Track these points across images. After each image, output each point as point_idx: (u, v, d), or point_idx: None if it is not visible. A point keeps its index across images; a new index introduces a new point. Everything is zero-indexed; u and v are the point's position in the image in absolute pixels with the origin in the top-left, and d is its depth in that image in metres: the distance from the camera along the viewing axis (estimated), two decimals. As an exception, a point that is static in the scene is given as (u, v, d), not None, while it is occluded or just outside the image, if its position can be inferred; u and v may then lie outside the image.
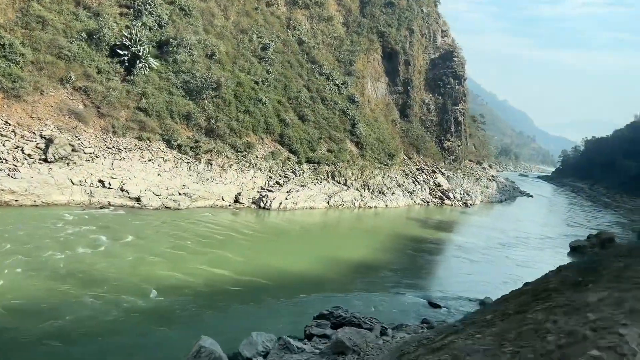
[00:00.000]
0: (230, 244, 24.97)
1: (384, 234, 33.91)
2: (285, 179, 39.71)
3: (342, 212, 40.83)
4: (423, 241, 33.12)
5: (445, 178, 60.69)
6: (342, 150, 47.18)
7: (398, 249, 29.01)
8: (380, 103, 61.22)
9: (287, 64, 51.31)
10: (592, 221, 61.53)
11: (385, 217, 42.62)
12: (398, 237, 33.08)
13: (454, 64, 68.38)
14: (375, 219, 40.82)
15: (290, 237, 29.63)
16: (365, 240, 31.24)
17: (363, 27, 62.94)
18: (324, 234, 32.23)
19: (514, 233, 41.45)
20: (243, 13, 51.39)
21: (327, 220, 37.10)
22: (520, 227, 45.56)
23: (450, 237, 36.10)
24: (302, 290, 19.52)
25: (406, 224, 40.01)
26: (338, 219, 38.26)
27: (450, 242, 34.70)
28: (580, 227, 52.39)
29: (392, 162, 53.27)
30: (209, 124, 38.16)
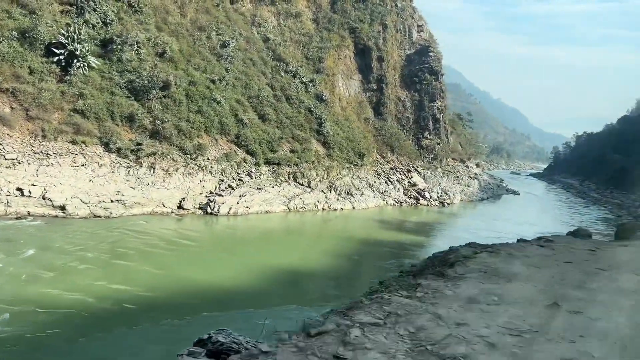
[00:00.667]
0: (152, 255, 22.46)
1: (337, 238, 31.38)
2: (239, 182, 37.22)
3: (302, 215, 38.34)
4: (377, 244, 30.63)
5: (422, 177, 58.24)
6: (306, 150, 44.70)
7: (345, 255, 26.47)
8: (352, 101, 58.81)
9: (249, 61, 48.89)
10: (576, 218, 59.09)
11: (349, 219, 40.13)
12: (351, 241, 30.57)
13: (429, 59, 66.00)
14: (335, 222, 38.33)
15: (229, 245, 27.14)
16: (313, 245, 28.73)
17: (334, 23, 60.61)
18: (269, 240, 29.69)
19: (485, 233, 38.89)
20: (202, 10, 49.00)
21: (280, 225, 34.58)
22: (494, 227, 43.03)
23: (410, 239, 33.59)
24: (212, 307, 17.01)
25: (368, 227, 37.50)
26: (294, 223, 35.75)
27: (409, 244, 32.16)
28: (561, 225, 49.86)
29: (363, 161, 50.80)
30: (155, 126, 35.68)
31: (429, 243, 33.86)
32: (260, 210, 35.72)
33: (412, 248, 31.24)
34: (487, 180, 79.88)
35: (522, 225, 44.86)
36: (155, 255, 22.44)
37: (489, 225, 44.61)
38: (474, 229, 41.33)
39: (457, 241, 35.59)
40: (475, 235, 37.76)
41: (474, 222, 45.73)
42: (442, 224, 42.96)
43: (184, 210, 32.00)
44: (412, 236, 35.81)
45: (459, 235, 38.27)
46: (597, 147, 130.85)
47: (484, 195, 68.56)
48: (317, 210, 40.27)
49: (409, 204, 51.74)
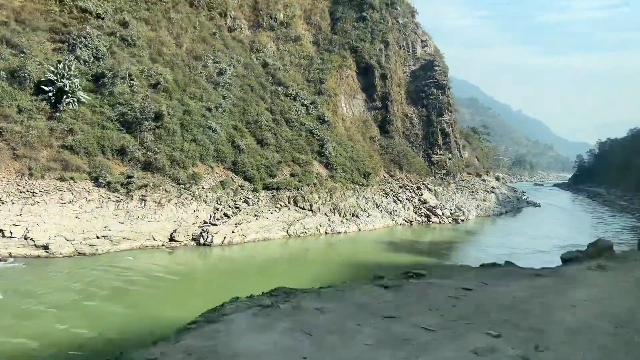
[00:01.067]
0: (128, 294, 21.10)
1: (336, 264, 29.56)
2: (236, 210, 35.90)
3: (304, 241, 36.68)
4: (377, 269, 28.67)
5: (433, 194, 56.06)
6: (307, 173, 43.29)
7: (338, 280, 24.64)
8: (356, 120, 57.45)
9: (247, 87, 48.15)
10: (600, 228, 55.89)
11: (354, 242, 38.26)
12: (351, 267, 28.71)
13: (435, 73, 64.39)
14: (338, 247, 36.51)
15: (215, 278, 25.63)
16: (306, 273, 26.94)
17: (334, 44, 59.82)
18: (262, 270, 28.07)
19: (497, 250, 36.56)
20: (199, 39, 48.76)
21: (278, 252, 32.95)
22: (508, 242, 40.61)
23: (412, 260, 31.53)
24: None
25: (372, 250, 35.56)
26: (292, 249, 34.08)
27: (409, 266, 30.09)
28: (583, 236, 46.94)
29: (369, 181, 49.07)
30: (147, 157, 34.82)
31: (437, 265, 31.73)
32: (257, 238, 34.23)
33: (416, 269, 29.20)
34: (506, 193, 76.95)
35: (537, 240, 42.22)
36: (131, 294, 21.06)
37: (504, 240, 42.15)
38: (486, 246, 39.03)
39: (466, 260, 33.43)
40: (486, 252, 35.62)
41: (487, 239, 43.31)
42: (454, 243, 40.68)
43: (176, 242, 30.72)
44: (419, 258, 33.73)
45: (469, 254, 36.15)
46: (622, 153, 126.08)
47: (502, 209, 65.78)
48: (319, 234, 38.57)
49: (420, 222, 49.56)
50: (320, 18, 62.17)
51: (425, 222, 50.29)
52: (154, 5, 46.86)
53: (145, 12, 46.06)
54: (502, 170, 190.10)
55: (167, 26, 47.13)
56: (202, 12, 52.17)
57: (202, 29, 50.43)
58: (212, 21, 52.86)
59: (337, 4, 64.49)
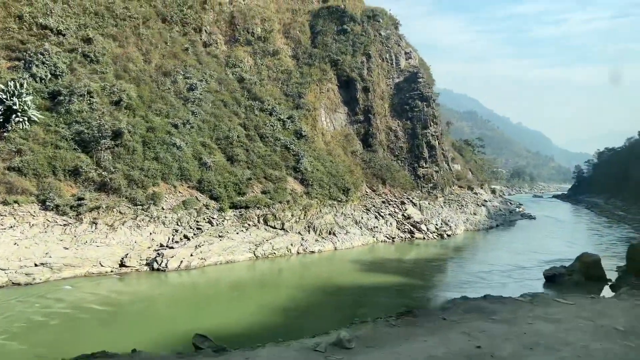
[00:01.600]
0: (39, 330, 18.72)
1: (295, 288, 27.05)
2: (197, 231, 33.59)
3: (272, 262, 34.24)
4: (335, 293, 26.21)
5: (418, 208, 53.59)
6: (280, 189, 41.03)
7: (294, 310, 22.22)
8: (337, 135, 55.33)
9: (220, 103, 46.23)
10: (593, 240, 53.08)
11: (327, 262, 35.80)
12: (312, 292, 26.22)
13: (419, 85, 62.34)
14: (307, 268, 34.05)
15: (153, 309, 23.20)
16: (260, 299, 24.47)
17: (314, 58, 58.02)
18: (212, 298, 25.63)
19: (477, 267, 34.04)
20: (170, 55, 47.05)
21: (237, 276, 30.45)
22: (491, 258, 37.99)
23: (384, 281, 29.04)
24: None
25: (342, 270, 33.05)
26: (255, 272, 31.63)
27: (379, 287, 27.62)
28: (574, 249, 44.27)
29: (348, 197, 46.73)
30: (103, 178, 32.71)
31: (407, 285, 29.23)
32: (220, 261, 31.83)
33: (386, 289, 26.71)
34: (499, 206, 74.31)
35: (523, 255, 39.59)
36: (44, 330, 18.69)
37: (487, 256, 39.60)
38: (466, 263, 36.50)
39: (442, 280, 30.94)
40: (465, 270, 33.18)
41: (470, 255, 40.74)
42: (434, 260, 38.08)
43: (127, 268, 28.38)
44: (393, 278, 31.22)
45: (446, 273, 33.67)
46: (619, 162, 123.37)
47: (494, 222, 63.14)
48: (291, 254, 36.13)
49: (403, 238, 47.03)
50: (299, 32, 60.54)
51: (409, 238, 47.77)
52: (122, 22, 45.30)
53: (113, 28, 44.49)
54: (500, 183, 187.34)
55: (136, 42, 45.49)
56: (175, 27, 50.60)
57: (174, 44, 48.79)
58: (186, 37, 51.25)
59: (318, 17, 62.95)
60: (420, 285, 29.19)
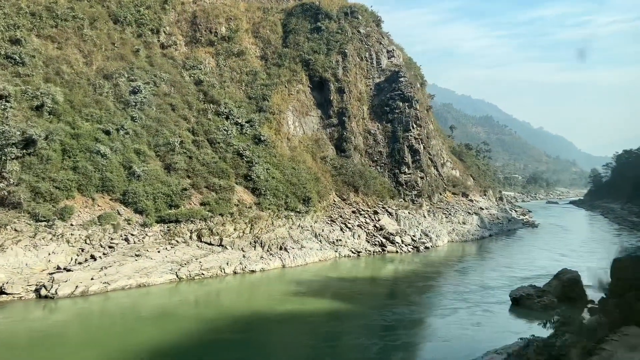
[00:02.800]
0: None
1: (189, 320, 22.36)
2: (109, 250, 29.19)
3: (198, 285, 29.58)
4: (234, 329, 21.39)
5: (394, 219, 48.29)
6: (222, 200, 36.47)
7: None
8: (307, 139, 50.55)
9: (167, 107, 42.09)
10: (592, 251, 46.82)
11: (259, 284, 30.96)
12: (199, 325, 21.49)
13: (400, 85, 57.14)
14: (228, 292, 29.22)
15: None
16: (132, 347, 19.80)
17: (285, 58, 53.58)
18: (74, 337, 21.07)
19: (435, 287, 28.78)
20: (116, 57, 43.20)
21: (131, 306, 25.75)
22: (456, 277, 32.60)
23: (309, 309, 24.12)
24: None
25: (269, 294, 28.20)
26: (160, 300, 26.90)
27: (297, 319, 22.70)
28: (560, 264, 38.37)
29: (309, 207, 41.85)
30: (1, 191, 28.67)
31: (321, 321, 24.22)
32: (129, 285, 27.30)
33: (290, 335, 21.77)
34: (496, 214, 68.16)
35: (496, 271, 34.06)
36: None
37: (451, 274, 34.10)
38: (423, 282, 31.16)
39: (366, 311, 25.68)
40: (419, 292, 27.98)
41: (435, 272, 35.23)
42: (387, 280, 32.83)
43: (8, 295, 24.12)
44: (318, 305, 26.29)
45: (397, 298, 28.47)
46: (638, 166, 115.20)
47: (486, 232, 57.31)
48: (225, 274, 31.41)
49: (371, 252, 41.85)
50: (270, 31, 56.24)
51: (379, 252, 42.57)
52: (64, 22, 41.66)
53: (53, 29, 40.89)
54: (515, 189, 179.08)
55: (77, 44, 41.77)
56: (129, 28, 46.86)
57: (124, 46, 44.98)
58: (141, 38, 47.50)
59: (291, 15, 58.60)
60: (346, 315, 24.16)
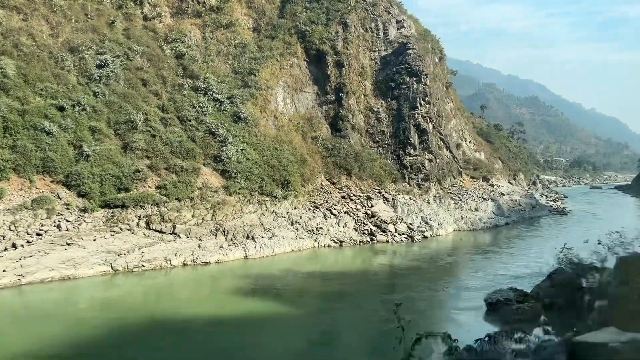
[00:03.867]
0: None
1: (90, 325, 18.64)
2: (36, 237, 25.96)
3: (139, 277, 25.99)
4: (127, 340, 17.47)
5: (390, 205, 43.12)
6: (182, 183, 32.62)
7: None
8: (297, 118, 45.85)
9: (138, 81, 38.47)
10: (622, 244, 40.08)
11: (205, 279, 27.00)
12: (104, 329, 17.71)
13: (408, 58, 51.14)
14: (164, 288, 25.39)
15: None
16: None
17: (279, 29, 48.78)
18: None
19: (406, 286, 23.90)
20: (88, 29, 39.89)
21: (40, 301, 22.39)
22: (436, 273, 27.42)
23: (239, 309, 19.95)
24: None
25: (209, 293, 24.21)
26: (78, 296, 23.43)
27: (212, 327, 18.54)
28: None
29: (287, 192, 37.43)
30: None
31: (234, 333, 19.89)
32: (52, 277, 23.97)
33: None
34: (518, 200, 61.32)
35: (485, 268, 28.58)
36: None
37: (434, 269, 28.88)
38: (396, 279, 26.30)
39: (305, 319, 21.10)
40: (390, 290, 23.24)
41: (416, 267, 30.04)
42: (355, 275, 28.08)
43: None
44: (254, 308, 22.04)
45: (347, 299, 23.80)
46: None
47: (502, 220, 51.05)
48: (171, 266, 27.66)
49: (357, 242, 37.09)
50: (265, 0, 51.48)
51: (367, 241, 37.77)
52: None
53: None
54: (556, 173, 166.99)
55: (45, 15, 38.74)
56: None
57: (100, 18, 41.63)
58: (122, 9, 44.01)
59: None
60: (267, 320, 19.78)
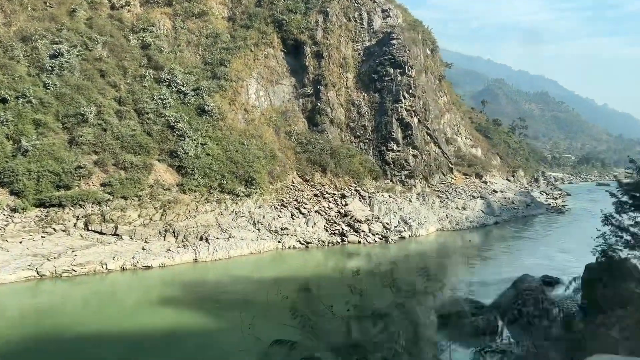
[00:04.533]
0: None
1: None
2: (-47, 240, 23.59)
3: (65, 284, 23.52)
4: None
5: (367, 203, 40.19)
6: (130, 181, 30.05)
7: None
8: (271, 111, 43.05)
9: (95, 72, 35.98)
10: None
11: (136, 286, 24.42)
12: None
13: (392, 48, 47.97)
14: (81, 298, 22.87)
15: None
16: None
17: (255, 18, 45.96)
18: None
19: (368, 297, 20.97)
20: (46, 18, 37.51)
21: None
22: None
23: (145, 323, 17.32)
24: None
25: (130, 303, 21.57)
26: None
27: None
28: (552, 262, 29.26)
29: (252, 189, 34.71)
30: None
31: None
32: (-37, 284, 21.61)
33: None
34: (512, 198, 57.83)
35: (451, 275, 25.49)
36: None
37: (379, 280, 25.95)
38: (331, 289, 23.30)
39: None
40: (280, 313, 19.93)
41: (370, 272, 27.29)
42: (290, 282, 25.34)
43: None
44: (154, 324, 19.33)
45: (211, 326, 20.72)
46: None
47: (491, 219, 47.75)
48: (107, 271, 25.11)
49: (326, 243, 34.25)
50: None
51: (338, 242, 34.93)
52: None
53: (-28, -13, 35.72)
54: (564, 169, 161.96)
55: (0, 3, 36.47)
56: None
57: (61, 6, 39.24)
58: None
59: (270, -29, 50.54)
60: (191, 337, 17.06)
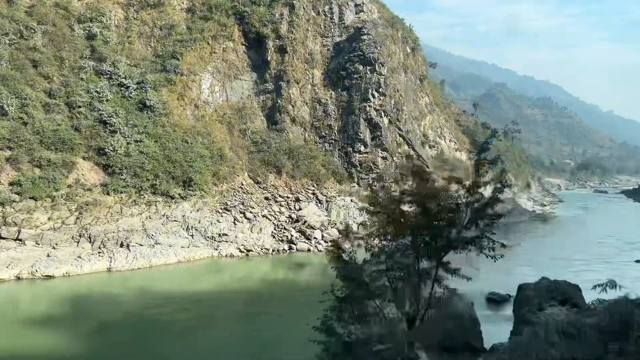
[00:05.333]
0: None
1: None
2: None
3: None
4: None
5: (325, 208, 36.80)
6: (44, 180, 26.92)
7: None
8: (226, 108, 39.85)
9: (27, 62, 32.95)
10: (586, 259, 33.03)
11: (18, 299, 21.26)
12: None
13: (362, 44, 44.58)
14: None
15: None
16: None
17: (216, 10, 42.82)
18: None
19: (258, 319, 17.72)
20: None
21: None
22: (310, 298, 21.21)
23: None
24: None
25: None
26: None
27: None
28: (513, 277, 25.65)
29: (190, 191, 31.47)
30: None
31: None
32: None
33: None
34: (493, 204, 54.16)
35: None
36: None
37: (293, 297, 22.53)
38: (232, 308, 20.10)
39: None
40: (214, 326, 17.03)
41: (278, 293, 23.76)
42: (201, 300, 21.95)
43: None
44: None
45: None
46: None
47: (466, 228, 44.16)
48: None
49: (270, 251, 30.98)
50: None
51: (285, 250, 31.61)
52: None
53: None
54: (562, 175, 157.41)
55: None
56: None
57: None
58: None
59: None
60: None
